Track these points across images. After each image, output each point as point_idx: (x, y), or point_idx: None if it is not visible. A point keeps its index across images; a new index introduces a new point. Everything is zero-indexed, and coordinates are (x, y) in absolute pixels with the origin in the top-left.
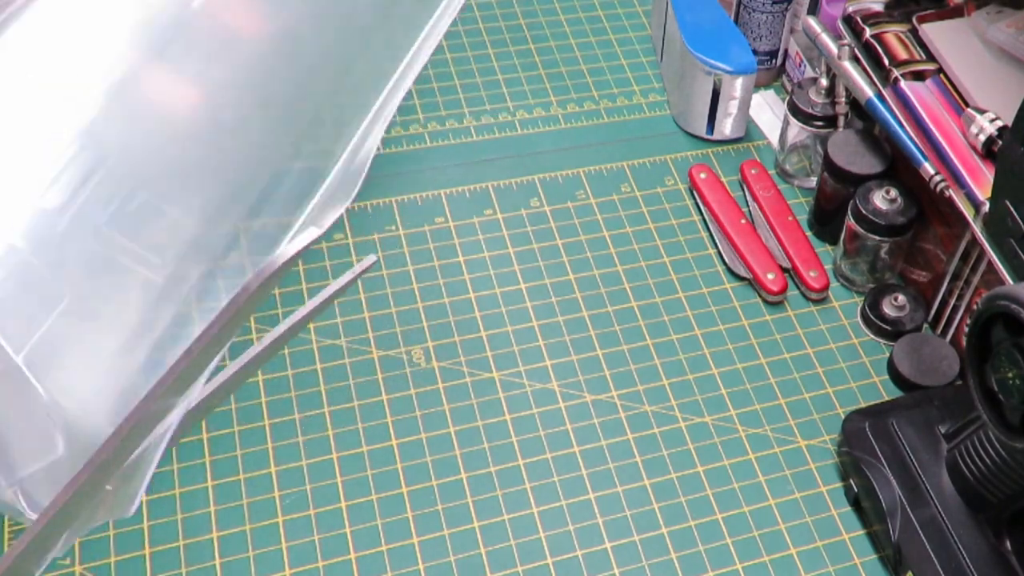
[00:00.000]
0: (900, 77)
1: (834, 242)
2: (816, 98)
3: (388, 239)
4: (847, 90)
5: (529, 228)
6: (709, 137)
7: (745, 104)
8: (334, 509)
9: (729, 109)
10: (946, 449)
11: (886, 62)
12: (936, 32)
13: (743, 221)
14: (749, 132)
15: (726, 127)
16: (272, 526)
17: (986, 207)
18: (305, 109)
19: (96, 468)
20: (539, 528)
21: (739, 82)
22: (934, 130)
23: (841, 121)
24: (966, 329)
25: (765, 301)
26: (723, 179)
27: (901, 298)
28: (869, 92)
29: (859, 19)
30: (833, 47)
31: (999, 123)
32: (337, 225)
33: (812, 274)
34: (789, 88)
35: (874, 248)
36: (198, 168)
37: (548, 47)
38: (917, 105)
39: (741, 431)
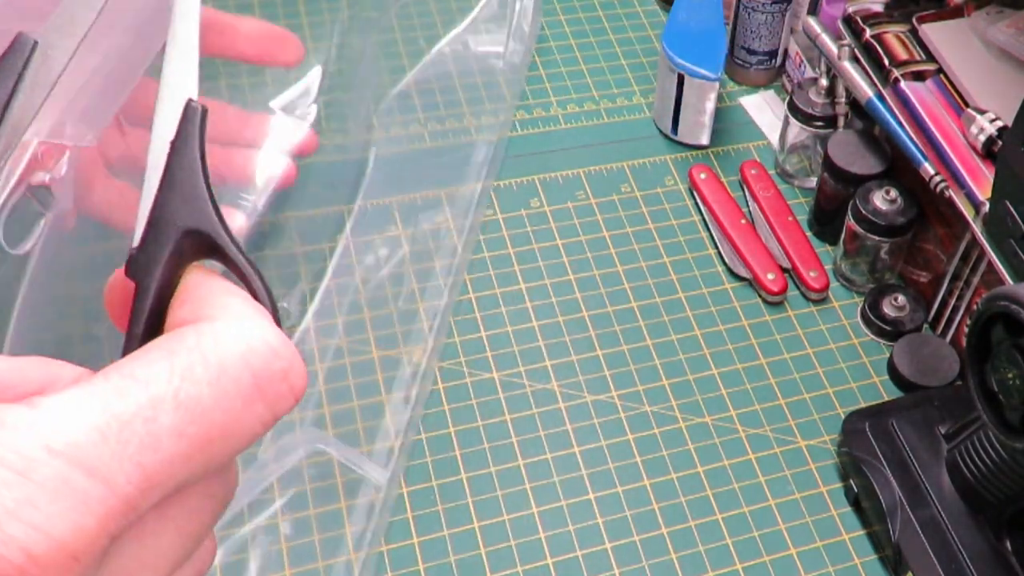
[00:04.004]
0: (900, 77)
1: (834, 242)
2: (816, 98)
3: (389, 239)
4: (847, 90)
5: (529, 228)
6: (675, 138)
7: (704, 111)
8: (335, 509)
9: (692, 112)
10: (946, 449)
11: (886, 62)
12: (936, 32)
13: (743, 221)
14: (749, 132)
15: (687, 130)
16: (272, 526)
17: (986, 207)
18: None
19: None
20: (539, 528)
21: (698, 85)
22: (934, 130)
23: (841, 121)
24: (966, 329)
25: (765, 301)
26: (723, 179)
27: (901, 298)
28: (869, 92)
29: (859, 19)
30: (833, 47)
31: (999, 123)
32: (339, 226)
33: (812, 274)
34: (789, 88)
35: (874, 248)
36: None
37: (548, 47)
38: (917, 105)
39: (741, 431)
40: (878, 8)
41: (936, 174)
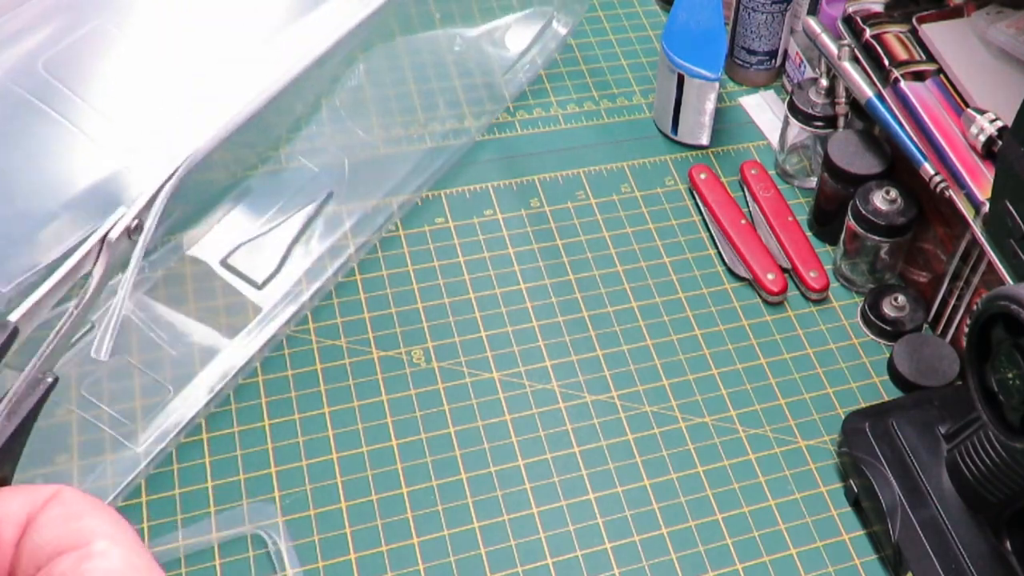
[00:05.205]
0: (900, 77)
1: (834, 242)
2: (816, 98)
3: (389, 239)
4: (847, 90)
5: (529, 228)
6: (675, 138)
7: (704, 111)
8: (334, 509)
9: (692, 112)
10: (946, 449)
11: (886, 62)
12: (936, 32)
13: (743, 221)
14: (749, 132)
15: (687, 130)
16: (272, 526)
17: (986, 207)
18: None
19: None
20: (539, 528)
21: (698, 85)
22: (934, 130)
23: (841, 121)
24: (966, 329)
25: (765, 301)
26: (723, 179)
27: (901, 298)
28: (869, 92)
29: (859, 19)
30: (833, 47)
31: (999, 123)
32: (338, 226)
33: (812, 274)
34: (789, 88)
35: (874, 248)
36: None
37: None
38: (917, 105)
39: (741, 431)
40: (878, 8)
41: (936, 174)
